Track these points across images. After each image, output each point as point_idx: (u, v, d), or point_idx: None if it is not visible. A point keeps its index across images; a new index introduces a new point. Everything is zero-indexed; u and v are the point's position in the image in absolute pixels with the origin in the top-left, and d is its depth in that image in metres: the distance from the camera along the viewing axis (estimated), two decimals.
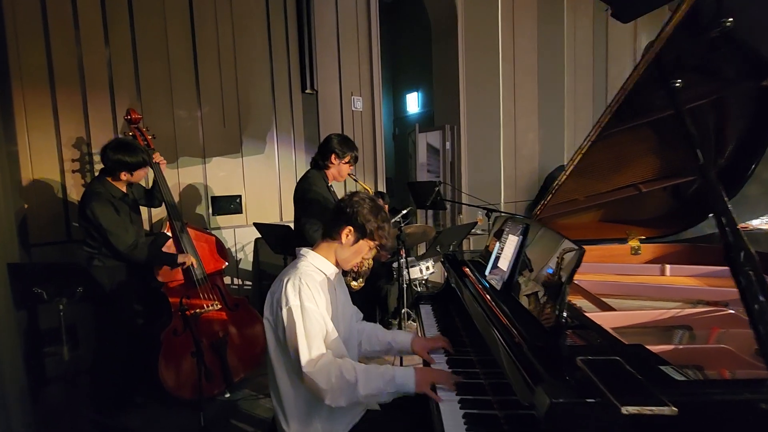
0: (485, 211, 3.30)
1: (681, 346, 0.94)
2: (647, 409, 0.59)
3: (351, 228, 1.31)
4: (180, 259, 2.30)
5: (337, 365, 1.18)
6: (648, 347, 0.87)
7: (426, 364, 1.41)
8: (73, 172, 2.70)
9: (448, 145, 4.73)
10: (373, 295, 3.16)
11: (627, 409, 0.59)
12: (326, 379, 1.15)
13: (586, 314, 1.10)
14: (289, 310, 1.18)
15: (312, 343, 1.17)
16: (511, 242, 1.37)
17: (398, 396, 1.21)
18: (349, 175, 2.43)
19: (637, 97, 1.12)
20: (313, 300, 1.21)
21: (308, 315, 1.18)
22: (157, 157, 2.44)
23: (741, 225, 3.04)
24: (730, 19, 0.87)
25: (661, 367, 0.73)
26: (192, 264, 2.35)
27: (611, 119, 1.21)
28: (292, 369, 1.23)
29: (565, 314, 0.93)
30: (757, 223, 3.51)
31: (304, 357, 1.15)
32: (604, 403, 0.62)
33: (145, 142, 2.43)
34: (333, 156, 2.32)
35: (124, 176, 2.22)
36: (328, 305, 1.27)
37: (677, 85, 1.00)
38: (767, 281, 0.78)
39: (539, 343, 0.88)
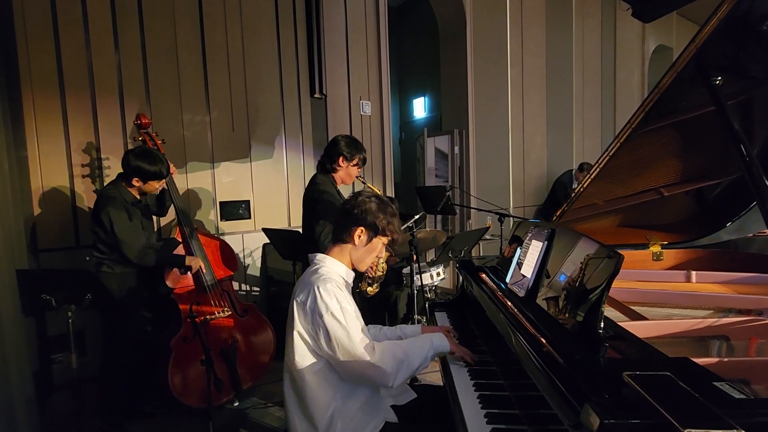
0: (497, 216, 3.26)
1: (725, 359, 0.88)
2: None
3: (362, 228, 1.31)
4: (188, 261, 2.26)
5: (388, 348, 1.23)
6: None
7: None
8: (83, 177, 2.68)
9: (456, 149, 4.70)
10: (382, 301, 3.11)
11: None
12: (387, 363, 1.19)
13: (619, 324, 1.05)
14: (332, 314, 1.18)
15: (362, 338, 1.20)
16: (535, 248, 1.32)
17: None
18: (357, 177, 2.37)
19: (670, 96, 1.07)
20: (347, 300, 1.23)
21: (349, 314, 1.20)
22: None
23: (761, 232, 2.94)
24: None
25: (716, 384, 0.68)
26: (201, 267, 2.31)
27: (643, 119, 1.16)
28: (328, 378, 1.23)
29: (602, 325, 0.88)
30: None
31: (364, 351, 1.18)
32: (663, 425, 0.57)
33: (155, 147, 2.40)
34: (341, 158, 2.25)
35: (135, 182, 2.19)
36: (354, 305, 1.27)
37: (717, 82, 0.96)
38: None
39: (577, 356, 0.83)
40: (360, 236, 1.31)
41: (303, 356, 1.22)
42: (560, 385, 0.76)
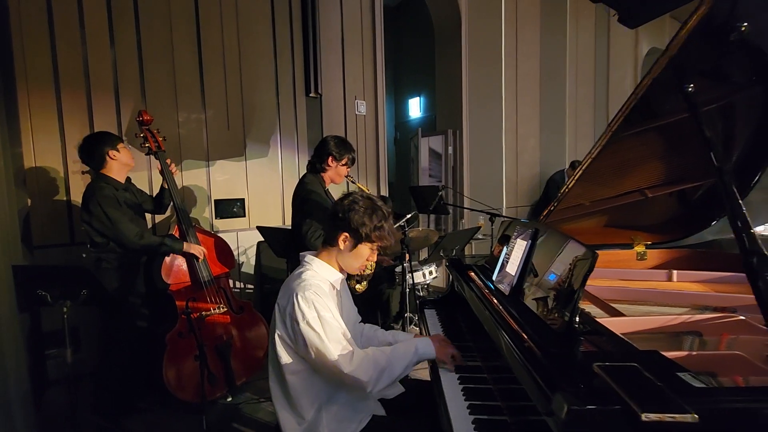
0: (488, 216, 3.31)
1: (694, 353, 0.93)
2: (668, 417, 0.58)
3: (346, 234, 1.30)
4: (185, 247, 2.29)
5: (370, 356, 1.23)
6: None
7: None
8: (77, 173, 2.69)
9: (450, 149, 4.75)
10: (374, 299, 3.15)
11: (648, 416, 0.58)
12: (365, 372, 1.20)
13: (596, 320, 1.10)
14: (308, 323, 1.19)
15: (338, 346, 1.20)
16: (520, 246, 1.37)
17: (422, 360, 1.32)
18: (346, 177, 2.42)
19: (649, 101, 1.12)
20: (326, 308, 1.22)
21: (326, 322, 1.20)
22: (170, 165, 2.43)
23: None
24: (745, 24, 0.88)
25: (679, 374, 0.73)
26: (201, 254, 2.34)
27: (623, 123, 1.21)
28: (312, 377, 1.25)
29: (577, 320, 0.92)
30: (760, 229, 3.53)
31: (339, 360, 1.18)
32: (625, 410, 0.62)
33: (156, 144, 2.42)
34: (330, 158, 2.30)
35: (112, 155, 2.20)
36: (335, 311, 1.27)
37: (690, 89, 1.00)
38: None
39: (553, 350, 0.87)
40: (344, 242, 1.30)
41: (285, 357, 1.25)
42: (536, 376, 0.80)
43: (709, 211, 1.85)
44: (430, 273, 3.22)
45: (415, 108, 6.64)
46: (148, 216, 2.65)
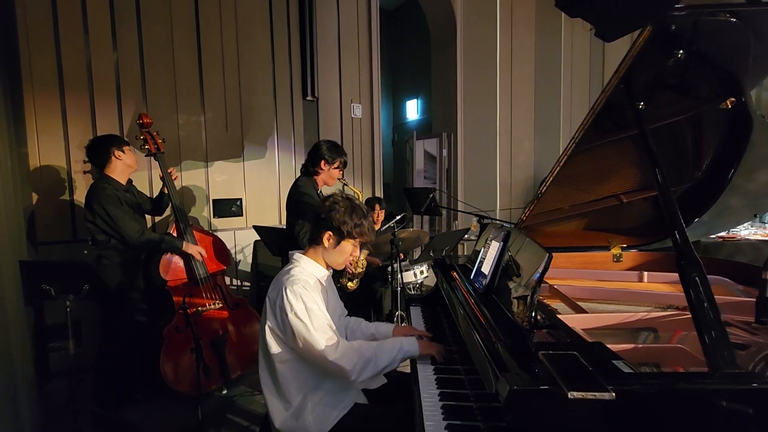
0: (477, 218, 3.40)
1: (640, 345, 1.03)
2: (590, 395, 0.68)
3: (330, 232, 1.41)
4: (184, 246, 2.39)
5: (355, 347, 1.32)
6: (611, 346, 0.97)
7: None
8: (80, 173, 2.79)
9: (444, 152, 4.84)
10: (367, 297, 3.25)
11: (572, 394, 0.68)
12: (350, 361, 1.29)
13: (559, 316, 1.19)
14: (295, 314, 1.28)
15: (324, 336, 1.29)
16: (494, 248, 1.47)
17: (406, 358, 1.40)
18: (338, 179, 2.52)
19: (609, 115, 1.21)
20: (313, 300, 1.32)
21: (313, 313, 1.30)
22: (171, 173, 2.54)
23: (729, 235, 3.15)
24: (681, 51, 0.98)
25: (614, 362, 0.82)
26: (199, 254, 2.44)
27: (585, 135, 1.31)
28: (299, 366, 1.34)
29: (535, 314, 1.02)
30: (745, 233, 3.62)
31: (324, 349, 1.27)
32: (557, 390, 0.71)
33: (156, 146, 2.52)
34: (322, 162, 2.40)
35: (117, 155, 2.30)
36: (321, 304, 1.36)
37: (640, 107, 1.10)
38: (710, 287, 0.87)
39: (510, 340, 0.97)
40: (329, 239, 1.41)
41: (275, 347, 1.34)
42: (491, 362, 0.90)
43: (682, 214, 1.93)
44: (422, 272, 3.31)
45: (412, 110, 6.74)
46: (147, 216, 2.75)
